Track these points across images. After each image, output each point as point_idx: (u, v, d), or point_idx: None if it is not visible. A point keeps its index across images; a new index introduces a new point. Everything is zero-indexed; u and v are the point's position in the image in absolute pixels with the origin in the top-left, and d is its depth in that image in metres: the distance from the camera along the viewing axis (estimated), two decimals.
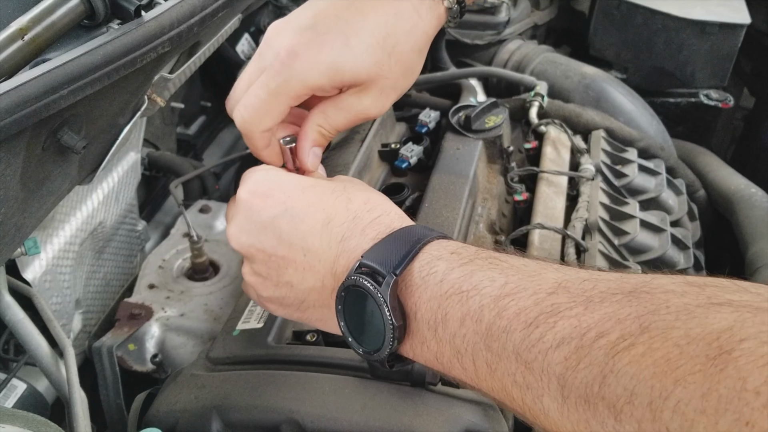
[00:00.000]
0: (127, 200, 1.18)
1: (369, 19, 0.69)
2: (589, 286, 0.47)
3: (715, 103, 1.64)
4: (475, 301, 0.52)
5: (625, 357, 0.41)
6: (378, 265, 0.58)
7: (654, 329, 0.40)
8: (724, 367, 0.36)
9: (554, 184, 1.16)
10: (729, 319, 0.38)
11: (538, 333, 0.47)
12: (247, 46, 1.77)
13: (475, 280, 0.54)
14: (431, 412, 0.73)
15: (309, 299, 0.67)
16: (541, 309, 0.48)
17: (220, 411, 0.78)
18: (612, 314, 0.44)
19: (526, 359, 0.47)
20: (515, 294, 0.50)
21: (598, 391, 0.42)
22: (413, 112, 1.34)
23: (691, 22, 1.57)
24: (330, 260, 0.64)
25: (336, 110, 0.73)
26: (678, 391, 0.37)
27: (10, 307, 0.86)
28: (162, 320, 1.06)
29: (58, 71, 0.60)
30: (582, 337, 0.44)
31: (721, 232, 1.35)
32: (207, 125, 1.80)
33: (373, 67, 0.70)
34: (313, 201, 0.66)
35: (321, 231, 0.64)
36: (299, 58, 0.68)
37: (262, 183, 0.70)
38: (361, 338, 0.61)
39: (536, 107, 1.31)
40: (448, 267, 0.56)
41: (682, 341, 0.39)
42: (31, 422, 0.64)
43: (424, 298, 0.56)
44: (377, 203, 0.66)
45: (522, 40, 1.66)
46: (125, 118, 0.85)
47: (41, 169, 0.72)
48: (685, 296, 0.42)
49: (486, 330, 0.51)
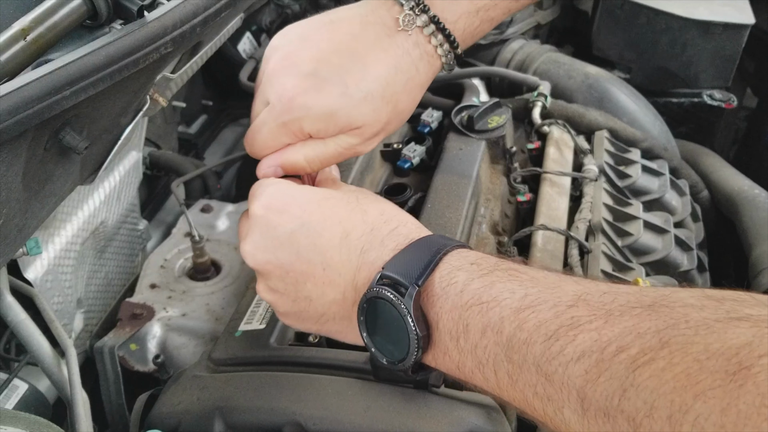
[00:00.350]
0: (129, 200, 1.18)
1: (370, 71, 0.72)
2: (608, 299, 0.48)
3: (718, 103, 1.63)
4: (496, 313, 0.53)
5: (646, 371, 0.41)
6: (400, 276, 0.58)
7: (674, 344, 0.41)
8: (743, 382, 0.36)
9: (557, 185, 1.16)
10: (748, 334, 0.38)
11: (558, 346, 0.47)
12: (249, 45, 1.77)
13: (495, 292, 0.54)
14: (434, 414, 0.73)
15: (329, 313, 0.67)
16: (561, 322, 0.48)
17: (223, 412, 0.77)
18: (632, 328, 0.44)
19: (547, 371, 0.48)
20: (535, 306, 0.51)
21: (618, 404, 0.42)
22: (416, 112, 1.33)
23: (695, 22, 1.57)
24: (351, 273, 0.64)
25: (325, 145, 0.75)
26: (698, 406, 0.37)
27: (11, 307, 0.85)
28: (164, 320, 1.06)
29: (61, 72, 0.59)
30: (602, 350, 0.44)
31: (725, 234, 1.35)
32: (208, 124, 1.79)
33: (370, 113, 0.73)
34: (329, 214, 0.67)
35: (340, 245, 0.65)
36: (297, 104, 0.71)
37: (276, 198, 0.70)
38: (384, 348, 0.62)
39: (539, 107, 1.30)
40: (468, 278, 0.57)
41: (701, 356, 0.39)
42: (33, 424, 0.63)
43: (445, 308, 0.57)
44: (393, 214, 0.67)
45: (525, 39, 1.66)
46: (127, 118, 0.84)
47: (43, 169, 0.72)
48: (704, 310, 0.42)
49: (507, 342, 0.51)
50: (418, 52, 0.74)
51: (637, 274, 1.03)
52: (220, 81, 1.80)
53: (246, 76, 1.59)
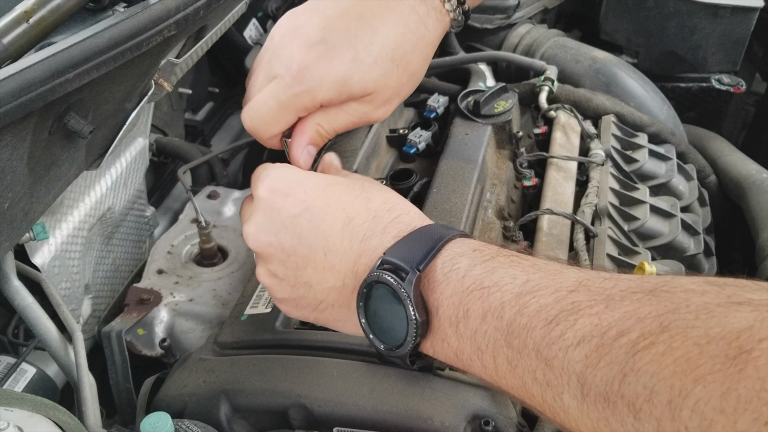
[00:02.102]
0: (136, 186, 1.19)
1: (378, 33, 0.70)
2: (609, 285, 0.48)
3: (726, 87, 1.62)
4: (497, 298, 0.53)
5: (646, 356, 0.41)
6: (401, 261, 0.58)
7: (674, 328, 0.41)
8: (743, 366, 0.36)
9: (564, 170, 1.16)
10: (749, 318, 0.38)
11: (558, 330, 0.47)
12: (255, 31, 1.76)
13: (497, 277, 0.54)
14: (439, 396, 0.73)
15: (328, 299, 0.67)
16: (562, 307, 0.48)
17: (229, 395, 0.78)
18: (632, 313, 0.44)
19: (547, 356, 0.48)
20: (536, 291, 0.51)
21: (617, 389, 0.42)
22: (422, 98, 1.33)
23: (703, 5, 1.55)
24: (352, 259, 0.64)
25: (337, 112, 0.74)
26: (697, 390, 0.37)
27: (19, 292, 0.86)
28: (171, 305, 1.06)
29: (64, 54, 0.59)
30: (603, 335, 0.44)
31: (732, 218, 1.34)
32: (215, 111, 1.79)
33: (381, 78, 0.71)
34: (333, 200, 0.66)
35: (342, 230, 0.64)
36: (309, 73, 0.69)
37: (282, 181, 0.69)
38: (382, 335, 0.61)
39: (546, 92, 1.30)
40: (470, 263, 0.57)
41: (702, 340, 0.39)
42: (40, 406, 0.64)
43: (446, 294, 0.57)
44: (396, 203, 0.67)
45: (532, 24, 1.65)
46: (132, 102, 0.84)
47: (48, 153, 0.72)
48: (705, 295, 0.42)
49: (507, 327, 0.51)
50: (424, 7, 0.72)
51: (643, 258, 1.03)
52: (226, 68, 1.80)
53: (252, 62, 1.59)
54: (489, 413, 0.72)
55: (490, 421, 0.71)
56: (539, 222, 1.04)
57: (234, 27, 1.55)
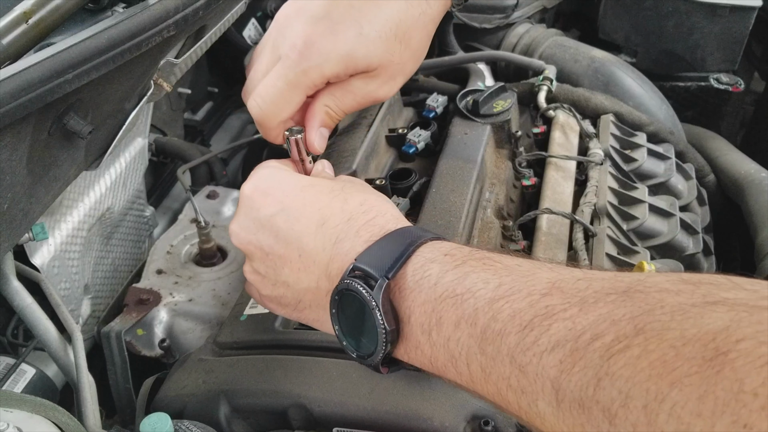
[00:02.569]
0: (135, 186, 1.19)
1: (382, 7, 0.71)
2: (583, 286, 0.47)
3: (725, 87, 1.62)
4: (470, 305, 0.52)
5: (620, 359, 0.40)
6: (371, 269, 0.57)
7: (649, 330, 0.40)
8: (720, 368, 0.35)
9: (562, 169, 1.16)
10: (725, 318, 0.37)
11: (533, 336, 0.46)
12: (254, 31, 1.76)
13: (469, 283, 0.53)
14: (438, 396, 0.73)
15: (305, 300, 0.67)
16: (536, 311, 0.47)
17: (228, 395, 0.78)
18: (606, 315, 0.43)
19: (521, 363, 0.47)
20: (509, 296, 0.50)
21: (592, 394, 0.41)
22: (421, 97, 1.34)
23: (702, 5, 1.55)
24: (324, 262, 0.63)
25: (344, 92, 0.74)
26: (674, 394, 0.36)
27: (18, 293, 0.86)
28: (170, 305, 1.07)
29: (63, 55, 0.59)
30: (577, 339, 0.43)
31: (731, 217, 1.34)
32: (214, 111, 1.79)
33: (385, 53, 0.71)
34: (309, 201, 0.66)
35: (315, 232, 0.64)
36: (315, 49, 0.69)
37: (264, 180, 0.70)
38: (355, 342, 0.61)
39: (545, 91, 1.30)
40: (442, 270, 0.56)
41: (677, 342, 0.38)
42: (40, 407, 0.64)
43: (417, 301, 0.56)
44: (373, 204, 0.66)
45: (531, 23, 1.65)
46: (131, 103, 0.84)
47: (48, 154, 0.72)
48: (680, 295, 0.41)
49: (481, 333, 0.50)
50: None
51: (642, 257, 1.03)
52: (225, 67, 1.80)
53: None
54: (488, 413, 0.72)
55: (490, 420, 0.72)
56: (538, 221, 1.04)
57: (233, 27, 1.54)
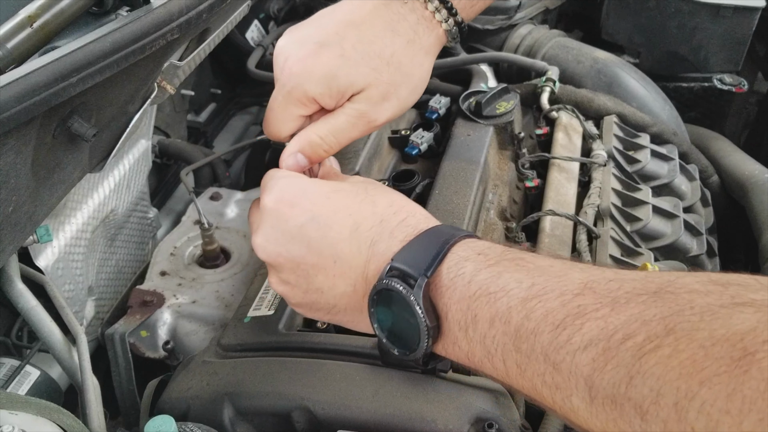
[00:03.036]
0: (139, 188, 1.19)
1: (366, 34, 0.74)
2: (614, 287, 0.48)
3: (728, 87, 1.62)
4: (503, 303, 0.53)
5: (652, 358, 0.41)
6: (409, 267, 0.59)
7: (679, 330, 0.41)
8: (748, 368, 0.37)
9: (566, 171, 1.16)
10: (752, 319, 0.39)
11: (566, 335, 0.48)
12: (257, 32, 1.76)
13: (503, 282, 0.55)
14: (442, 399, 0.73)
15: (340, 304, 0.68)
16: (568, 311, 0.49)
17: (232, 398, 0.78)
18: (638, 315, 0.44)
19: (555, 360, 0.48)
20: (542, 296, 0.51)
21: (625, 391, 0.43)
22: (423, 98, 1.33)
23: (705, 5, 1.55)
24: (361, 265, 0.65)
25: (337, 116, 0.76)
26: (703, 392, 0.38)
27: (22, 295, 0.86)
28: (174, 307, 1.07)
29: (67, 59, 0.60)
30: (609, 339, 0.45)
31: (735, 218, 1.34)
32: (217, 112, 1.79)
33: (371, 72, 0.74)
34: (339, 207, 0.67)
35: (350, 237, 0.65)
36: (297, 69, 0.73)
37: (287, 191, 0.70)
38: (395, 339, 0.63)
39: (548, 92, 1.30)
40: (476, 268, 0.57)
41: (707, 342, 0.39)
42: (44, 409, 0.64)
43: (453, 299, 0.58)
44: (402, 205, 0.68)
45: (533, 24, 1.65)
46: (135, 105, 0.85)
47: (52, 157, 0.72)
48: (709, 296, 0.42)
49: (515, 332, 0.52)
50: (414, 17, 0.76)
51: (645, 259, 1.03)
52: (228, 69, 1.80)
53: (254, 63, 1.59)
54: (492, 416, 0.72)
55: (494, 423, 0.71)
56: (542, 223, 1.04)
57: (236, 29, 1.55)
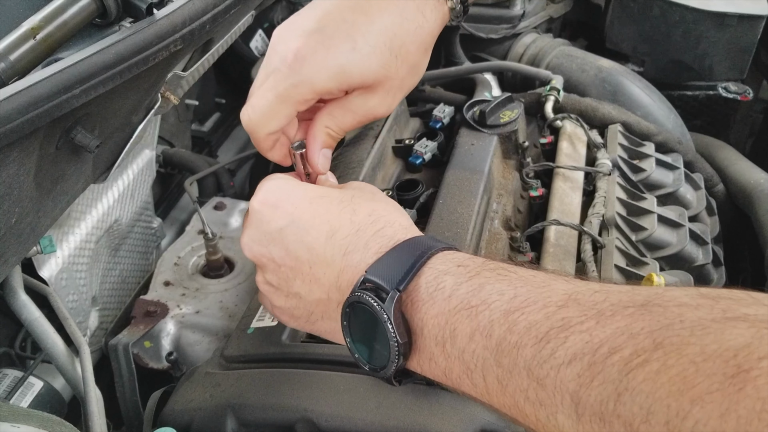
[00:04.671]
0: (143, 197, 1.19)
1: (375, 21, 0.70)
2: (600, 298, 0.46)
3: (733, 95, 1.61)
4: (485, 316, 0.51)
5: (640, 374, 0.39)
6: (382, 281, 0.57)
7: (668, 345, 0.39)
8: (742, 386, 0.35)
9: (570, 180, 1.15)
10: (746, 335, 0.37)
11: (549, 348, 0.46)
12: (261, 42, 1.77)
13: (484, 295, 0.53)
14: (446, 411, 0.73)
15: (317, 311, 0.67)
16: (552, 323, 0.47)
17: (235, 409, 0.78)
18: (624, 329, 0.42)
19: (538, 375, 0.46)
20: (525, 308, 0.49)
21: (613, 409, 0.41)
22: (427, 108, 1.33)
23: (710, 13, 1.55)
24: (334, 274, 0.63)
25: (343, 111, 0.73)
26: (695, 411, 0.36)
27: (26, 306, 0.86)
28: (177, 317, 1.06)
29: (71, 70, 0.60)
30: (594, 353, 0.43)
31: (741, 227, 1.33)
32: (221, 122, 1.80)
33: (381, 69, 0.70)
34: (319, 212, 0.66)
35: (325, 244, 0.64)
36: (307, 63, 0.68)
37: (272, 193, 0.70)
38: (367, 354, 0.61)
39: (552, 101, 1.30)
40: (456, 282, 0.56)
41: (698, 358, 0.38)
42: (47, 422, 0.64)
43: (431, 313, 0.56)
44: (381, 214, 0.66)
45: (537, 33, 1.65)
46: (139, 116, 0.85)
47: (55, 168, 0.72)
48: (699, 309, 0.41)
49: (496, 346, 0.50)
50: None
51: (651, 268, 1.02)
52: (232, 79, 1.80)
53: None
54: (497, 427, 0.72)
55: None
56: (546, 233, 1.04)
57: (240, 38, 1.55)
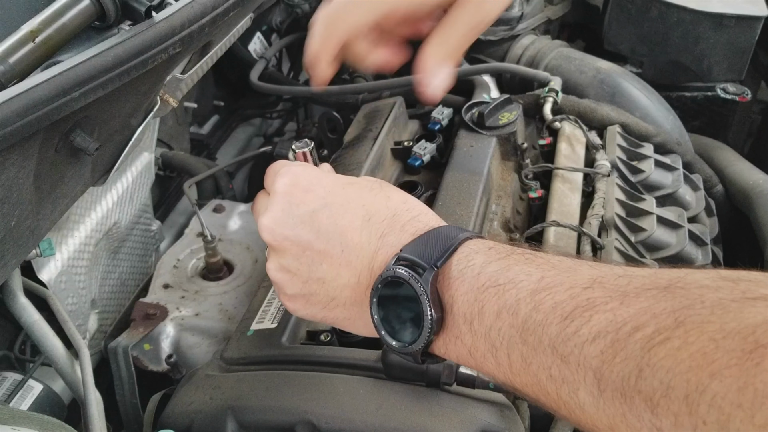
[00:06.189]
0: (142, 200, 1.19)
1: None
2: (624, 282, 0.48)
3: (732, 96, 1.61)
4: (512, 295, 0.53)
5: (661, 350, 0.41)
6: (418, 258, 0.58)
7: (689, 323, 0.41)
8: (760, 361, 0.36)
9: (569, 181, 1.15)
10: (765, 313, 0.39)
11: (573, 326, 0.47)
12: (260, 44, 1.77)
13: (512, 274, 0.54)
14: (447, 412, 0.73)
15: (340, 297, 0.66)
16: (577, 303, 0.48)
17: (235, 412, 0.78)
18: (647, 309, 0.44)
19: (562, 352, 0.48)
20: (551, 288, 0.51)
21: (634, 384, 0.42)
22: (426, 110, 1.33)
23: (708, 14, 1.55)
24: (369, 256, 0.64)
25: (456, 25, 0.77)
26: (714, 385, 0.38)
27: (26, 309, 0.86)
28: (177, 320, 1.06)
29: (70, 73, 0.60)
30: (618, 330, 0.45)
31: (740, 228, 1.33)
32: (220, 125, 1.80)
33: None
34: (353, 197, 0.67)
35: (361, 227, 0.65)
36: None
37: (302, 177, 0.70)
38: (394, 332, 0.61)
39: (550, 103, 1.30)
40: (486, 260, 0.57)
41: (717, 335, 0.39)
42: (46, 425, 0.64)
43: (461, 290, 0.57)
44: (414, 204, 0.68)
45: (535, 35, 1.65)
46: (138, 119, 0.85)
47: (54, 171, 0.72)
48: (720, 291, 0.42)
49: (522, 323, 0.51)
50: None
51: None
52: (231, 81, 1.81)
53: (257, 76, 1.59)
54: (497, 429, 0.72)
55: None
56: (545, 234, 1.04)
57: (239, 41, 1.55)
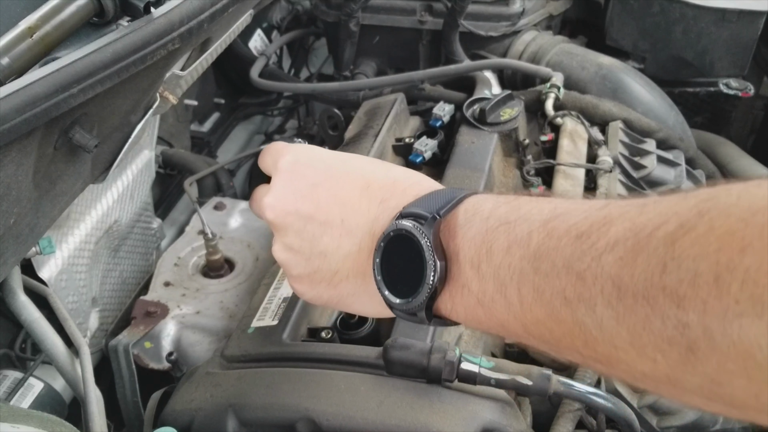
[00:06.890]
0: (142, 198, 1.18)
1: None
2: (641, 200, 0.46)
3: (734, 92, 1.61)
4: (523, 229, 0.51)
5: (686, 241, 0.39)
6: (421, 210, 0.57)
7: (713, 210, 0.39)
8: None
9: (571, 177, 1.15)
10: None
11: (590, 242, 0.45)
12: (260, 42, 1.77)
13: (523, 211, 0.53)
14: (448, 409, 0.72)
15: (343, 269, 0.66)
16: (592, 221, 0.46)
17: (236, 409, 0.77)
18: (668, 209, 0.42)
19: (578, 270, 0.45)
20: (564, 215, 0.49)
21: (658, 281, 0.40)
22: (427, 106, 1.33)
23: (710, 10, 1.54)
24: (369, 222, 0.63)
25: None
26: (746, 260, 0.35)
27: (26, 307, 0.86)
28: (178, 318, 1.06)
29: (68, 69, 0.59)
30: (637, 234, 0.42)
31: None
32: (221, 122, 1.80)
33: None
34: (353, 168, 0.67)
35: (360, 195, 0.64)
36: None
37: (304, 154, 0.69)
38: (397, 290, 0.60)
39: (552, 99, 1.29)
40: (495, 205, 0.56)
41: (745, 214, 0.37)
42: (46, 422, 0.64)
43: (468, 236, 0.56)
44: (416, 173, 0.66)
45: (537, 31, 1.64)
46: (137, 116, 0.84)
47: (53, 168, 0.72)
48: (747, 183, 0.40)
49: (534, 253, 0.49)
50: None
51: None
52: (231, 79, 1.80)
53: (257, 73, 1.59)
54: (499, 425, 0.72)
55: None
56: None
57: (239, 38, 1.55)
